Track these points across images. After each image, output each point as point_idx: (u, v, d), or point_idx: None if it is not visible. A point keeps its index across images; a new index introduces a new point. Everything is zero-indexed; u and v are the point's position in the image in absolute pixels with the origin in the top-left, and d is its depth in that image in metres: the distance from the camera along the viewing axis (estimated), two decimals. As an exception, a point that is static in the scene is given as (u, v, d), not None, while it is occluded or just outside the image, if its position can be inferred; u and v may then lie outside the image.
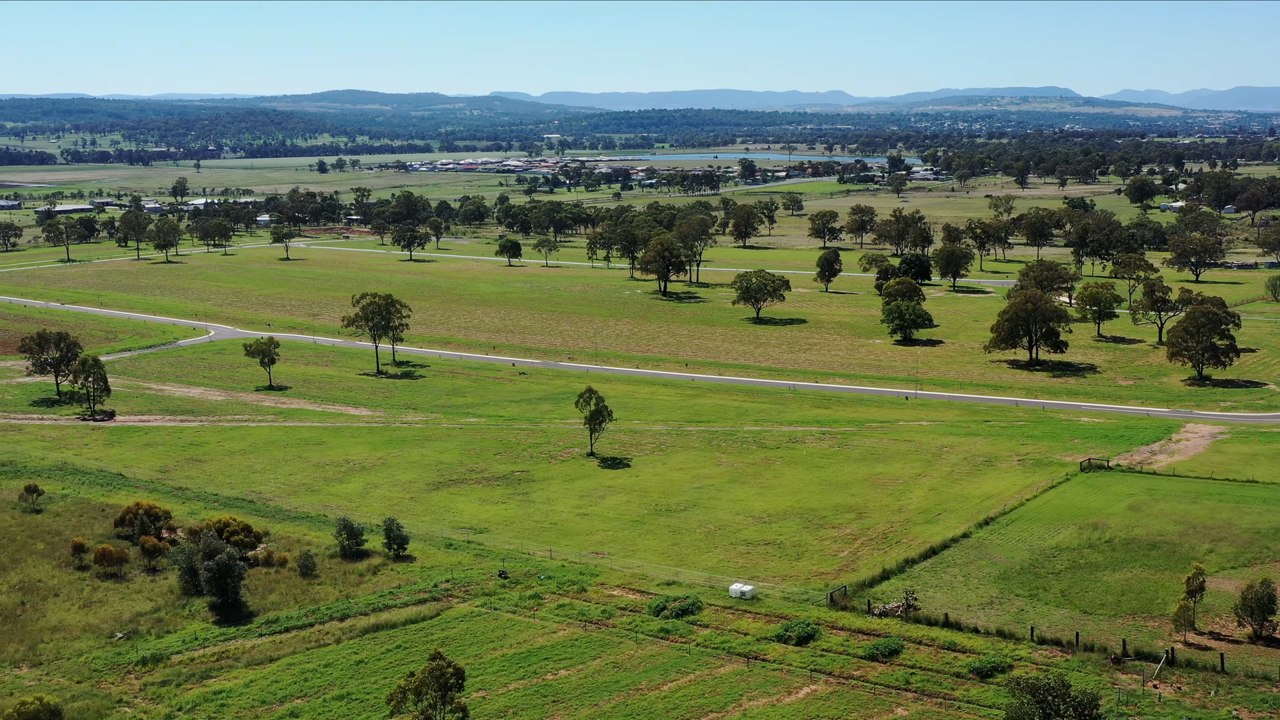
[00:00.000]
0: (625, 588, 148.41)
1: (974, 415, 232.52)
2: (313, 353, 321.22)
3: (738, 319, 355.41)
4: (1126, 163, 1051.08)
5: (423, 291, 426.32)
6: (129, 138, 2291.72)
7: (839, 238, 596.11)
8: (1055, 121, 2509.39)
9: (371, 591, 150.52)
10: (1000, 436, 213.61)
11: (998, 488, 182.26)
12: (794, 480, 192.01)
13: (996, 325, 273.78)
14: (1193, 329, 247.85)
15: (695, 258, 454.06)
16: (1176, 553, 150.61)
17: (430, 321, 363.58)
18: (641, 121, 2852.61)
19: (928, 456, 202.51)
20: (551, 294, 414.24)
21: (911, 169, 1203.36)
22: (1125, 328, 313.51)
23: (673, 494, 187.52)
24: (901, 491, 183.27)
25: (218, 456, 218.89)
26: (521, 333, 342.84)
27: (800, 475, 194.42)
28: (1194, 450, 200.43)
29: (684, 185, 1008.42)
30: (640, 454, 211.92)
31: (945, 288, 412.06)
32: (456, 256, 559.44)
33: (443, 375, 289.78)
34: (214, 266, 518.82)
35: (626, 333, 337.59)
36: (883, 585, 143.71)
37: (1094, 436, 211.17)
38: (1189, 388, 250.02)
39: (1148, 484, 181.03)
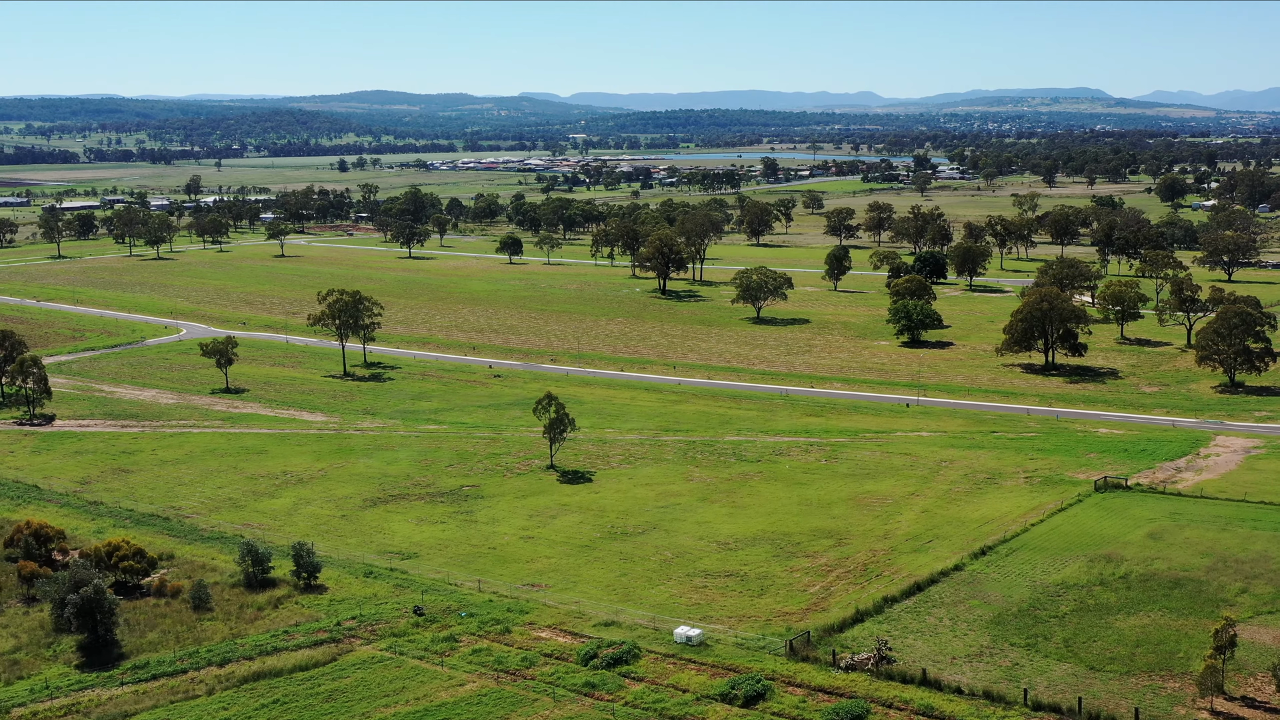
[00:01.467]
0: (556, 628, 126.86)
1: (980, 425, 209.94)
2: (282, 353, 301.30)
3: (737, 319, 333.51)
4: (1157, 162, 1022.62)
5: (411, 289, 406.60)
6: (154, 137, 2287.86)
7: (856, 236, 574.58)
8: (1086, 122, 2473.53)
9: (266, 630, 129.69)
10: (1007, 450, 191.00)
11: (999, 510, 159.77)
12: (770, 499, 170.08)
13: (1009, 326, 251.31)
14: (1224, 331, 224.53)
15: (699, 254, 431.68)
16: (1203, 593, 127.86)
17: (412, 320, 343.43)
18: (668, 122, 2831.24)
19: (924, 472, 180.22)
20: (545, 292, 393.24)
21: (937, 168, 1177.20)
22: (1151, 329, 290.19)
23: (633, 514, 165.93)
24: (890, 514, 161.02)
25: (148, 466, 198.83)
26: (506, 333, 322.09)
27: (778, 493, 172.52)
28: (1225, 467, 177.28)
29: (704, 184, 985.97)
30: (606, 466, 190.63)
31: (961, 286, 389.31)
32: (458, 254, 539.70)
33: (412, 378, 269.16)
34: (204, 263, 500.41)
35: (617, 333, 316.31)
36: (854, 630, 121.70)
37: (1112, 450, 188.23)
38: (1220, 395, 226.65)
39: (1171, 507, 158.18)
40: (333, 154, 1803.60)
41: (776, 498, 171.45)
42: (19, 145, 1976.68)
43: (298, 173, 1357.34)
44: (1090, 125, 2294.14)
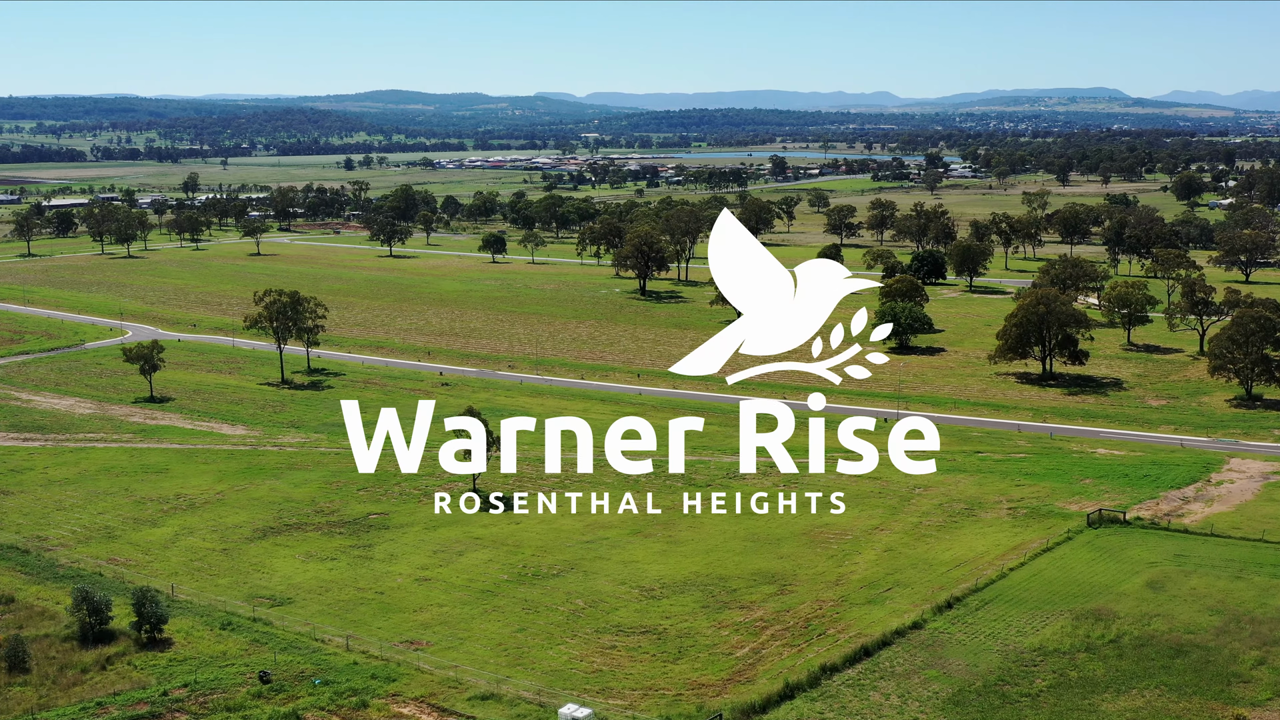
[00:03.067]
0: (424, 703, 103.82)
1: (964, 444, 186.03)
2: (224, 358, 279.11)
3: (715, 322, 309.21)
4: (1174, 160, 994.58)
5: (379, 289, 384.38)
6: (164, 136, 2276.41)
7: (857, 234, 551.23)
8: (1103, 122, 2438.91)
9: (78, 700, 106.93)
10: (991, 474, 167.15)
11: (974, 549, 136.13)
12: (713, 532, 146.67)
13: (1003, 332, 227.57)
14: (1239, 338, 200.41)
15: (685, 253, 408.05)
16: (1210, 664, 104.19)
17: (371, 323, 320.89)
18: (682, 121, 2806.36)
19: (894, 501, 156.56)
20: (519, 293, 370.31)
21: (949, 166, 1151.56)
22: (1161, 334, 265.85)
23: (552, 550, 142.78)
24: (847, 552, 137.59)
25: (31, 488, 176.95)
26: (467, 336, 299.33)
27: (724, 526, 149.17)
28: (1239, 497, 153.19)
29: (710, 182, 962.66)
30: (538, 490, 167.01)
31: (961, 287, 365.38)
32: (443, 252, 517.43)
33: (354, 386, 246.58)
34: (175, 262, 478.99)
35: (585, 337, 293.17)
36: (780, 710, 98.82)
37: (1110, 475, 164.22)
38: (1235, 410, 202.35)
39: (1175, 546, 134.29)
40: (342, 153, 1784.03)
41: (720, 531, 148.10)
42: (27, 144, 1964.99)
43: (303, 171, 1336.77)
44: (1107, 125, 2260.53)
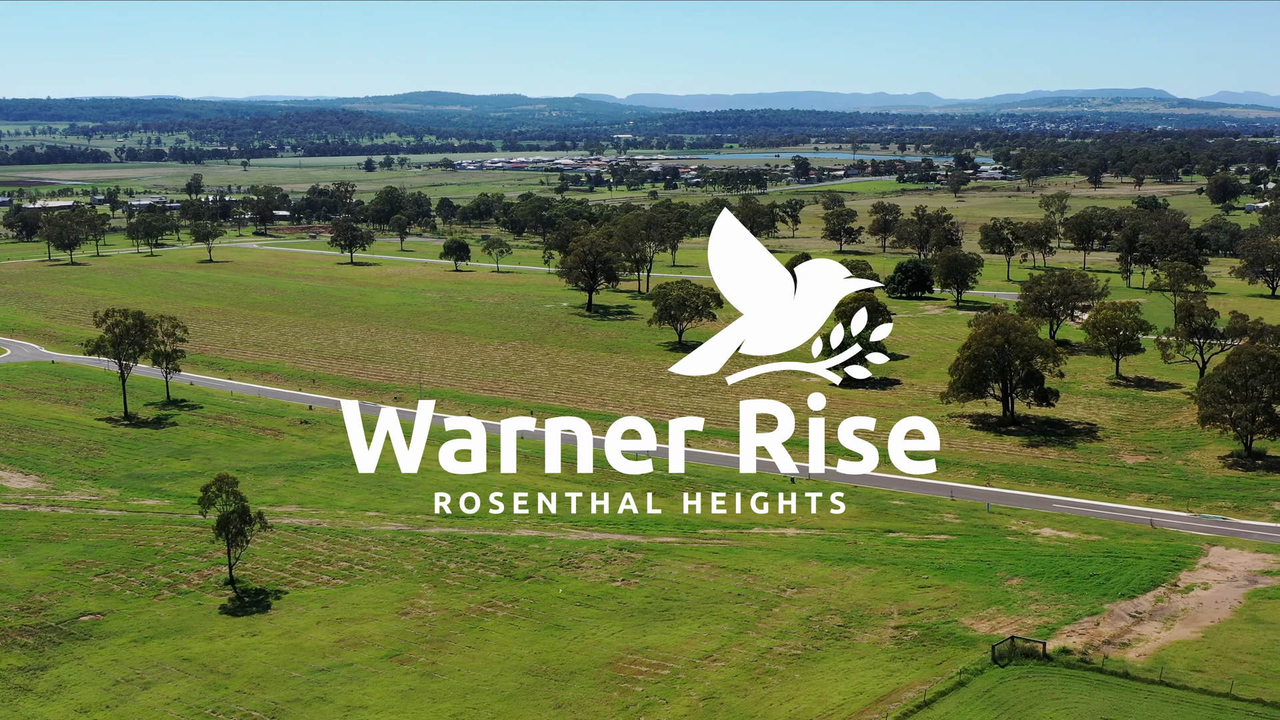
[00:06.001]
0: None
1: (877, 518, 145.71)
2: (85, 384, 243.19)
3: (653, 344, 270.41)
4: (1213, 161, 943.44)
5: (306, 302, 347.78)
6: (195, 137, 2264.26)
7: (858, 239, 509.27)
8: (1147, 123, 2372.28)
9: None
10: (894, 566, 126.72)
11: (826, 700, 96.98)
12: (492, 660, 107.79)
13: (955, 365, 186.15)
14: (1237, 380, 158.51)
15: (645, 262, 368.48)
16: None
17: (271, 343, 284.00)
18: (718, 122, 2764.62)
19: (753, 608, 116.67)
20: (455, 307, 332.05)
21: (980, 168, 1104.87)
22: (1158, 365, 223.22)
23: (267, 683, 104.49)
24: (651, 700, 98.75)
25: None
26: (369, 360, 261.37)
27: (513, 647, 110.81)
28: (1211, 613, 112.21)
29: (728, 184, 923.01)
30: (312, 582, 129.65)
31: (948, 302, 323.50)
32: (408, 259, 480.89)
33: (203, 422, 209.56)
34: (113, 269, 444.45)
35: (498, 362, 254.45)
36: None
37: (1046, 573, 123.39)
38: (1228, 472, 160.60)
39: (1106, 702, 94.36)
40: (369, 153, 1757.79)
41: (504, 656, 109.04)
42: (53, 145, 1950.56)
43: (322, 172, 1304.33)
44: (1150, 125, 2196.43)
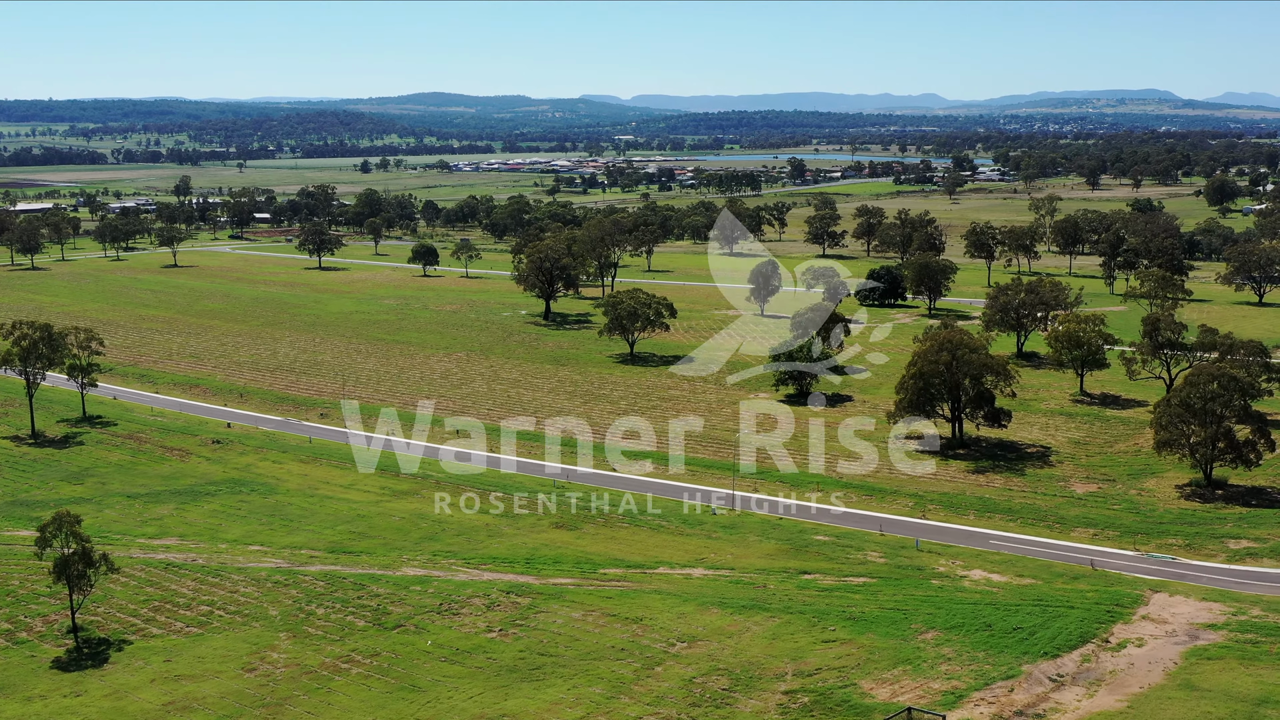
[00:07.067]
0: None
1: (795, 557, 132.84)
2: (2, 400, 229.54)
3: (604, 356, 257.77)
4: (1214, 163, 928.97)
5: (258, 310, 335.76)
6: (194, 138, 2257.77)
7: (841, 244, 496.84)
8: (1152, 124, 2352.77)
9: None
10: (801, 615, 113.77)
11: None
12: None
13: (901, 384, 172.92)
14: (1196, 402, 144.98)
15: (611, 268, 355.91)
16: None
17: (208, 354, 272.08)
18: (720, 123, 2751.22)
19: (635, 666, 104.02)
20: (408, 316, 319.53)
21: (978, 169, 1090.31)
22: (1125, 380, 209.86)
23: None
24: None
25: None
26: (304, 372, 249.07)
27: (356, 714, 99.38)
28: (1142, 675, 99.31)
29: (722, 186, 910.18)
30: (159, 631, 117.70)
31: (921, 309, 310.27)
32: (378, 263, 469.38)
33: (112, 441, 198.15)
34: (71, 275, 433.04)
35: (438, 375, 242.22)
36: None
37: (966, 625, 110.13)
38: (1184, 503, 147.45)
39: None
40: (367, 155, 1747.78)
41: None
42: (51, 146, 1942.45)
43: (318, 174, 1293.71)
44: (1155, 127, 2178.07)
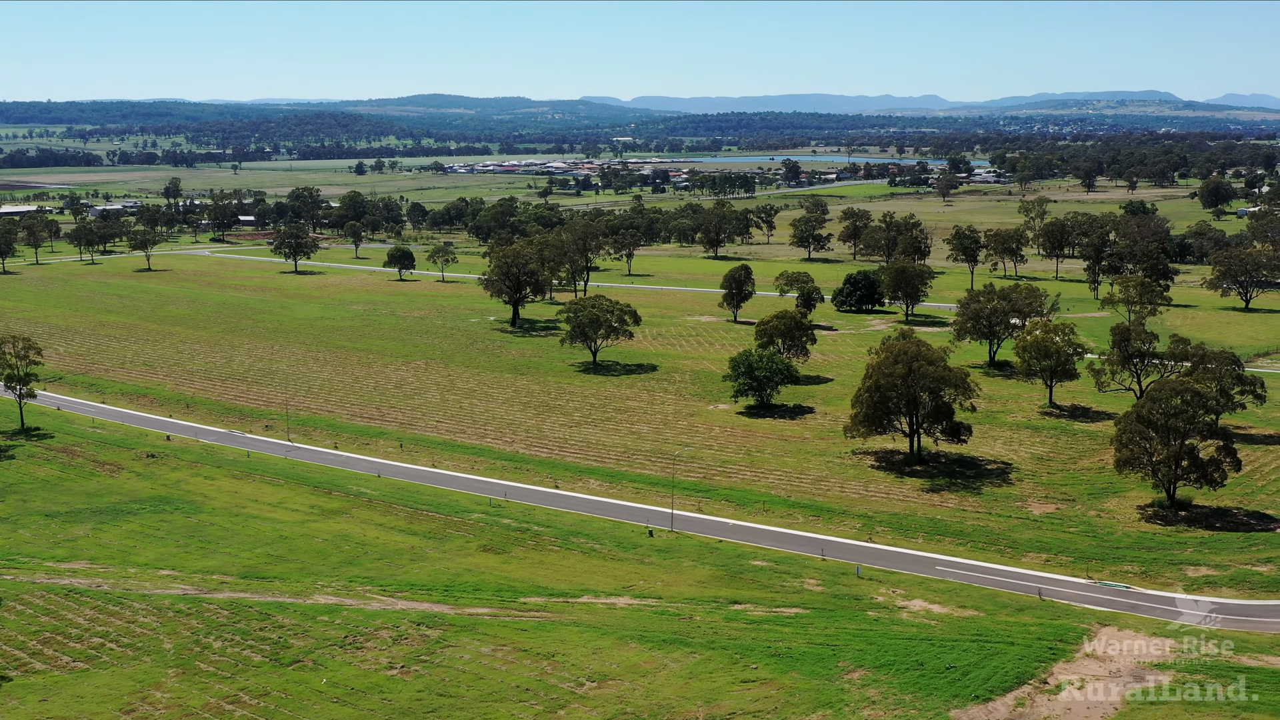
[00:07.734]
0: None
1: (728, 585, 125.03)
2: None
3: (565, 365, 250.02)
4: (1211, 164, 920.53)
5: (222, 316, 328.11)
6: (192, 140, 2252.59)
7: (827, 247, 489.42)
8: (1152, 125, 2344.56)
9: None
10: (723, 651, 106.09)
11: None
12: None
13: (857, 397, 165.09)
14: (1158, 419, 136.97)
15: (583, 272, 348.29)
16: None
17: (161, 362, 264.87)
18: (719, 125, 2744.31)
19: (537, 709, 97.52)
20: (374, 322, 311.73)
21: (973, 171, 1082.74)
22: (1096, 392, 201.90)
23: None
24: None
25: None
26: (256, 381, 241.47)
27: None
28: None
29: (715, 188, 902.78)
30: (42, 667, 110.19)
31: (898, 316, 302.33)
32: (355, 267, 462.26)
33: (40, 456, 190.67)
34: (42, 279, 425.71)
35: (392, 384, 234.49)
36: None
37: (897, 662, 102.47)
38: (1144, 526, 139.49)
39: None
40: (364, 156, 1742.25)
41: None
42: (46, 148, 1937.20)
43: (312, 176, 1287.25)
44: (1155, 128, 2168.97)
